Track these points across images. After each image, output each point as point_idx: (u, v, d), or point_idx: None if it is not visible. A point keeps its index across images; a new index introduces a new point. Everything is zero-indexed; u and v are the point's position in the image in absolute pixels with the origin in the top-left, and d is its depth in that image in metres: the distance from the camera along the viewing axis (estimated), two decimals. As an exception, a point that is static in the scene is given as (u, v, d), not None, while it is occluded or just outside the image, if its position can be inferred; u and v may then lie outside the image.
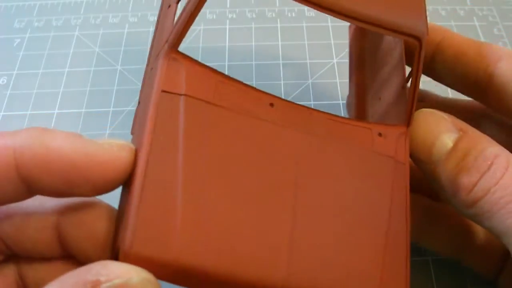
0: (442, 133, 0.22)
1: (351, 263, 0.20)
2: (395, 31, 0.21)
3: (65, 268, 0.19)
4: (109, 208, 0.20)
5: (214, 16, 0.42)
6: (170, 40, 0.21)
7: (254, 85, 0.22)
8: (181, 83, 0.20)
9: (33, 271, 0.20)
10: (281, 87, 0.37)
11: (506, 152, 0.21)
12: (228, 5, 0.42)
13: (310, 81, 0.38)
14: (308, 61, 0.39)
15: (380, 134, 0.23)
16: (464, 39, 0.25)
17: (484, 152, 0.21)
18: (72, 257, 0.20)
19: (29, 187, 0.18)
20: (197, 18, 0.21)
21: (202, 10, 0.21)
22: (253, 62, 0.38)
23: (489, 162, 0.21)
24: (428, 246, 0.28)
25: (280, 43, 0.40)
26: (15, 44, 0.40)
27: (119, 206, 0.20)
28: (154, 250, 0.17)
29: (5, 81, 0.38)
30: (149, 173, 0.18)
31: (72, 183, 0.18)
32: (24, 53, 0.40)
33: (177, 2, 0.25)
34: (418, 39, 0.22)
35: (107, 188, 0.18)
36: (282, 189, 0.20)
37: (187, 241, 0.17)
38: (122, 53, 0.39)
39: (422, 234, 0.27)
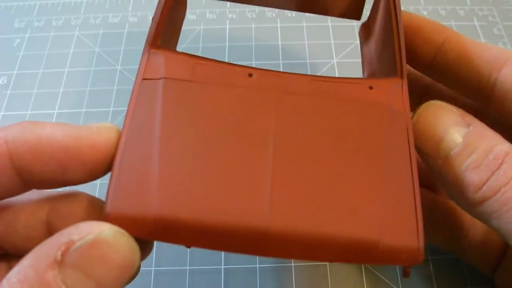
0: (451, 127, 0.21)
1: (344, 205, 0.19)
2: None
3: None
4: (96, 199, 0.20)
5: (214, 16, 0.42)
6: (147, 39, 0.22)
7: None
8: (160, 69, 0.21)
9: None
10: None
11: None
12: (228, 5, 0.42)
13: (310, 81, 0.38)
14: (308, 61, 0.39)
15: (371, 87, 0.22)
16: (468, 41, 0.25)
17: (494, 149, 0.20)
18: None
19: (23, 177, 0.18)
20: (197, 18, 0.21)
21: (202, 10, 0.21)
22: (253, 62, 0.38)
23: (499, 161, 0.20)
24: (427, 240, 0.28)
25: (280, 43, 0.40)
26: (15, 44, 0.40)
27: None
28: (133, 208, 0.17)
29: (5, 81, 0.38)
30: (128, 145, 0.19)
31: (65, 167, 0.18)
32: (24, 53, 0.40)
33: None
34: None
35: (99, 170, 0.19)
36: (261, 142, 0.20)
37: (165, 197, 0.18)
38: (122, 53, 0.39)
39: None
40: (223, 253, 0.30)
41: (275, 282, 0.29)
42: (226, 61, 0.28)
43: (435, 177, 0.22)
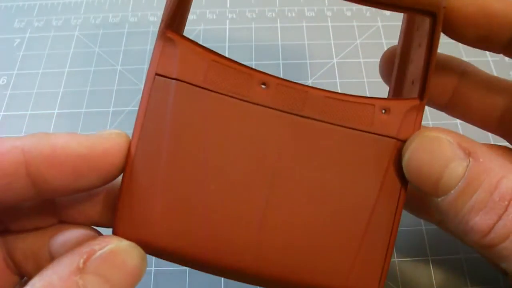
0: (449, 162, 0.19)
1: (322, 250, 0.20)
2: (395, 5, 0.20)
3: (56, 233, 0.21)
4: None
5: (214, 16, 0.42)
6: (164, 19, 0.21)
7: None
8: (174, 66, 0.21)
9: (21, 243, 0.21)
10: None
11: None
12: (228, 5, 0.42)
13: (310, 81, 0.38)
14: (308, 61, 0.39)
15: (384, 111, 0.21)
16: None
17: (500, 186, 0.18)
18: (63, 223, 0.21)
19: (37, 186, 0.18)
20: (197, 18, 0.21)
21: (202, 10, 0.21)
22: (253, 62, 0.38)
23: (506, 202, 0.18)
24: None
25: (280, 43, 0.40)
26: (15, 44, 0.40)
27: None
28: (137, 233, 0.19)
29: (5, 81, 0.38)
30: (136, 161, 0.20)
31: (78, 174, 0.19)
32: (24, 53, 0.40)
33: None
34: (430, 14, 0.20)
35: (111, 175, 0.20)
36: (259, 178, 0.20)
37: (165, 228, 0.20)
38: (122, 53, 0.39)
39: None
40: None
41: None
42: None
43: (435, 214, 0.21)
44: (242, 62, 0.21)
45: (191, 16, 0.40)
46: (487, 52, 0.38)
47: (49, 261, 0.19)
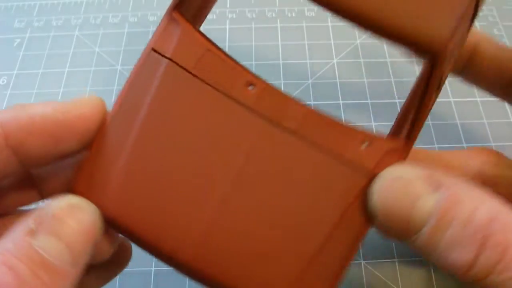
0: (416, 200, 0.18)
1: (265, 263, 0.19)
2: (388, 34, 0.17)
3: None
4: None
5: (214, 16, 0.42)
6: (172, 0, 0.21)
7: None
8: (170, 45, 0.21)
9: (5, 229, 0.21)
10: (281, 87, 0.37)
11: (501, 210, 0.17)
12: (228, 5, 0.42)
13: (310, 81, 0.38)
14: (308, 61, 0.39)
15: (365, 143, 0.20)
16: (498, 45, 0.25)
17: (474, 218, 0.17)
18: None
19: (20, 156, 0.19)
20: (197, 18, 0.21)
21: (202, 10, 0.21)
22: (253, 62, 0.38)
23: (482, 234, 0.16)
24: None
25: (280, 43, 0.40)
26: (15, 44, 0.40)
27: None
28: (93, 195, 0.20)
29: (5, 81, 0.38)
30: (109, 129, 0.20)
31: (56, 139, 0.19)
32: (24, 53, 0.40)
33: None
34: (428, 53, 0.17)
35: (87, 139, 0.20)
36: (222, 176, 0.20)
37: (120, 197, 0.20)
38: (122, 53, 0.39)
39: None
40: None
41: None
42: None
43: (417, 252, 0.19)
44: (242, 62, 0.21)
45: (191, 16, 0.40)
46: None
47: None
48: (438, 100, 0.21)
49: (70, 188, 0.20)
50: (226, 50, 0.22)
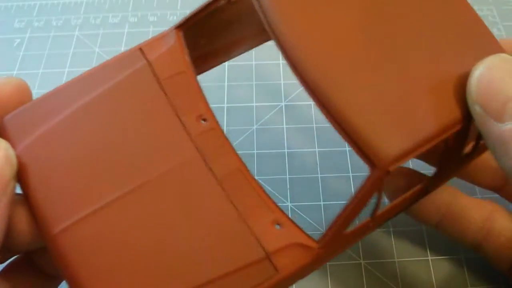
0: None
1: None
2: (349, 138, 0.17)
3: None
4: None
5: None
6: (183, 18, 0.22)
7: (253, 85, 0.22)
8: (156, 52, 0.22)
9: None
10: (281, 87, 0.37)
11: None
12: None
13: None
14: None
15: (278, 225, 0.19)
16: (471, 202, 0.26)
17: None
18: None
19: None
20: (196, 18, 0.21)
21: (202, 10, 0.21)
22: (253, 62, 0.38)
23: None
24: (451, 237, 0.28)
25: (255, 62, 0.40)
26: (15, 44, 0.40)
27: None
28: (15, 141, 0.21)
29: (5, 81, 0.38)
30: (59, 91, 0.24)
31: None
32: (24, 53, 0.40)
33: None
34: (370, 163, 0.17)
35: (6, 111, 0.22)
36: (129, 178, 0.20)
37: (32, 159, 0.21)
38: (122, 53, 0.39)
39: (445, 222, 0.27)
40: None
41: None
42: (226, 61, 0.28)
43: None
44: (242, 63, 0.21)
45: (191, 16, 0.40)
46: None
47: None
48: None
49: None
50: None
